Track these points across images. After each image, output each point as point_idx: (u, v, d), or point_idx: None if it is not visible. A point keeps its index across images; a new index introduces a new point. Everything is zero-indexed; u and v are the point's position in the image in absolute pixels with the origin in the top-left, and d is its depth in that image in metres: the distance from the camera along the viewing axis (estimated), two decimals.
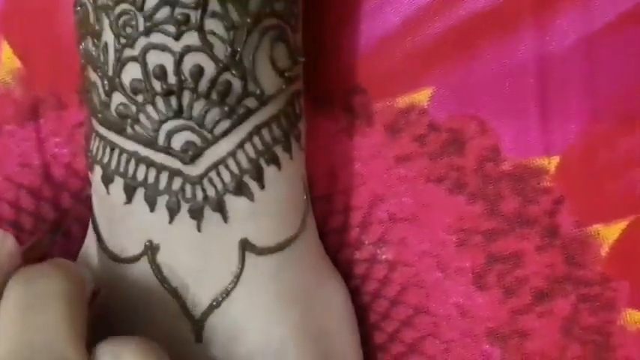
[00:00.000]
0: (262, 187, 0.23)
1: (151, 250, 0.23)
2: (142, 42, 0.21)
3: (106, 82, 0.22)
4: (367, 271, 0.28)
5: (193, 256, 0.23)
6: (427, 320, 0.27)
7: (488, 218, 0.27)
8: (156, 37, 0.21)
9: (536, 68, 0.26)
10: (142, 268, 0.23)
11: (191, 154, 0.22)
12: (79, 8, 0.23)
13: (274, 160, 0.23)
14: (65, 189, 0.29)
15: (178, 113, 0.22)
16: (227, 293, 0.23)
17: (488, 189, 0.27)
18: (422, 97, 0.27)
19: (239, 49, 0.22)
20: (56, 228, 0.28)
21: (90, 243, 0.25)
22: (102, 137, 0.23)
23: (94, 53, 0.22)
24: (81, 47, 0.23)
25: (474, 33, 0.26)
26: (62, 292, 0.19)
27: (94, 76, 0.23)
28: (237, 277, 0.23)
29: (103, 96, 0.22)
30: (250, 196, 0.23)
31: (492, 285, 0.26)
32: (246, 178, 0.23)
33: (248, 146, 0.23)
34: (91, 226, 0.25)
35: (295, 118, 0.24)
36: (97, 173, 0.23)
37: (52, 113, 0.29)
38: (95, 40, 0.22)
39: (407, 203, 0.27)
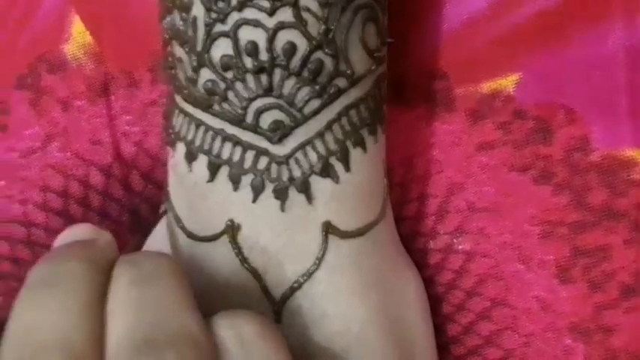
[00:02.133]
0: (348, 169, 0.23)
1: (233, 229, 0.23)
2: (234, 17, 0.21)
3: (194, 57, 0.22)
4: (442, 261, 0.28)
5: (276, 237, 0.23)
6: (505, 313, 0.27)
7: (574, 210, 0.26)
8: (249, 13, 0.21)
9: (626, 60, 0.26)
10: (222, 247, 0.23)
11: (280, 134, 0.22)
12: None
13: (360, 143, 0.23)
14: (135, 167, 0.29)
15: (268, 91, 0.22)
16: (309, 275, 0.23)
17: (575, 180, 0.26)
18: (508, 82, 0.27)
19: (332, 27, 0.22)
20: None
21: (163, 222, 0.26)
22: (186, 114, 0.23)
23: (181, 28, 0.22)
24: (165, 21, 0.23)
25: (562, 20, 0.26)
26: (170, 269, 0.19)
27: (180, 51, 0.23)
28: (320, 259, 0.23)
29: (190, 72, 0.22)
30: (336, 178, 0.23)
31: (577, 279, 0.26)
32: (333, 160, 0.23)
33: (336, 127, 0.23)
34: (164, 205, 0.26)
35: (381, 100, 0.24)
36: (179, 150, 0.24)
37: (123, 90, 0.29)
38: (183, 14, 0.22)
39: (488, 192, 0.27)
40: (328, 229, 0.23)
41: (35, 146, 0.30)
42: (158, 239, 0.26)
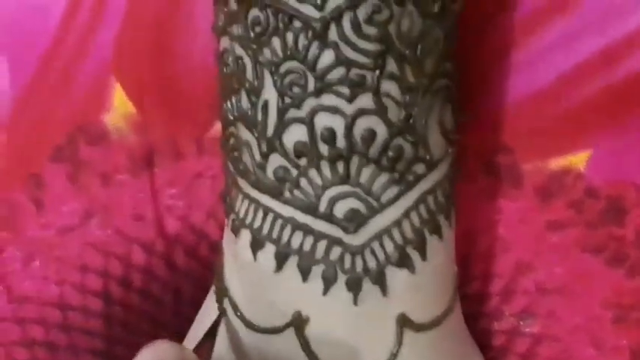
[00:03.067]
0: (424, 258, 0.22)
1: (300, 321, 0.22)
2: (310, 103, 0.21)
3: (263, 142, 0.21)
4: (507, 343, 0.27)
5: (347, 331, 0.22)
6: None
7: None
8: (327, 99, 0.20)
9: None
10: (287, 340, 0.22)
11: (355, 223, 0.21)
12: (230, 60, 0.22)
13: (437, 230, 0.22)
14: (179, 244, 0.28)
15: (345, 179, 0.21)
16: None
17: None
18: (578, 159, 0.26)
19: (413, 113, 0.21)
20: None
21: (211, 303, 0.24)
22: (253, 200, 0.22)
23: (249, 112, 0.22)
24: (230, 103, 0.22)
25: (633, 94, 0.26)
26: None
27: (247, 135, 0.22)
28: (395, 355, 0.22)
29: (258, 157, 0.22)
30: (412, 268, 0.22)
31: None
32: (409, 249, 0.22)
33: (414, 215, 0.22)
34: (215, 291, 0.24)
35: (454, 182, 0.23)
36: (244, 238, 0.23)
37: (167, 162, 0.28)
38: (253, 98, 0.21)
39: (558, 273, 0.26)
40: (404, 322, 0.22)
41: (73, 223, 0.29)
42: (206, 323, 0.25)
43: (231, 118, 0.23)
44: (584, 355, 0.26)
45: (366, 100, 0.21)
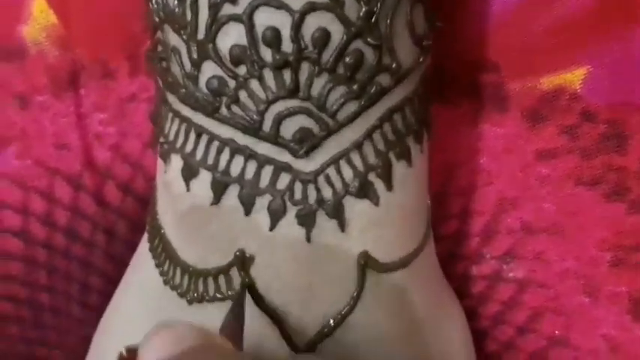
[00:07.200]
0: (390, 187, 0.20)
1: (243, 261, 0.20)
2: None
3: (194, 47, 0.19)
4: (488, 290, 0.25)
5: (299, 272, 0.20)
6: (566, 354, 0.25)
7: None
8: None
9: None
10: (229, 284, 0.20)
11: (307, 145, 0.19)
12: None
13: (405, 154, 0.20)
14: (110, 177, 0.26)
15: (293, 92, 0.19)
16: (342, 319, 0.20)
17: None
18: (574, 77, 0.23)
19: (376, 9, 0.18)
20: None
21: (145, 250, 0.22)
22: (184, 119, 0.20)
23: (176, 9, 0.19)
24: (153, 1, 0.20)
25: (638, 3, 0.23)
26: None
27: (175, 39, 0.19)
28: (355, 300, 0.20)
29: (188, 66, 0.19)
30: (375, 199, 0.20)
31: None
32: (372, 177, 0.20)
33: (377, 136, 0.19)
34: (149, 229, 0.22)
35: (427, 99, 0.21)
36: (174, 165, 0.20)
37: (95, 83, 0.26)
38: None
39: (548, 210, 0.24)
40: (366, 261, 0.20)
41: None
42: (142, 269, 0.22)
43: (157, 19, 0.20)
44: (576, 304, 0.24)
45: None
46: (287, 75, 0.18)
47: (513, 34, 0.24)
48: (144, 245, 0.23)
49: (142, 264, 0.22)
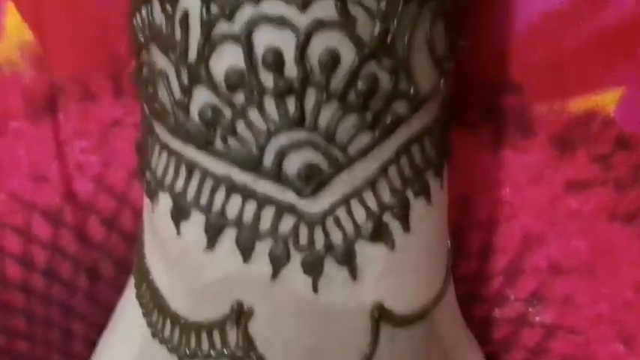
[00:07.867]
0: (407, 229, 0.18)
1: (241, 315, 0.19)
2: (246, 12, 0.17)
3: (184, 71, 0.17)
4: (512, 335, 0.24)
5: (304, 328, 0.19)
6: None
7: None
8: (269, 6, 0.16)
9: None
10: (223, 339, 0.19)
11: (313, 184, 0.17)
12: None
13: (424, 191, 0.19)
14: (93, 212, 0.25)
15: (298, 122, 0.17)
16: None
17: None
18: (606, 100, 0.23)
19: (392, 27, 0.17)
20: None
21: (132, 295, 0.21)
22: (173, 153, 0.18)
23: (163, 27, 0.17)
24: (138, 17, 0.18)
25: None
26: None
27: (162, 61, 0.18)
28: (368, 358, 0.19)
29: (178, 92, 0.18)
30: (391, 243, 0.18)
31: None
32: (387, 217, 0.18)
33: (392, 171, 0.18)
34: (135, 272, 0.21)
35: (447, 129, 0.19)
36: (162, 204, 0.19)
37: (75, 106, 0.25)
38: (167, 7, 0.17)
39: (578, 248, 0.24)
40: (380, 314, 0.19)
41: None
42: (128, 317, 0.21)
43: (142, 39, 0.18)
44: (609, 352, 0.24)
45: (325, 8, 0.17)
46: (291, 103, 0.17)
47: (538, 50, 0.23)
48: (130, 290, 0.21)
49: (128, 312, 0.21)
